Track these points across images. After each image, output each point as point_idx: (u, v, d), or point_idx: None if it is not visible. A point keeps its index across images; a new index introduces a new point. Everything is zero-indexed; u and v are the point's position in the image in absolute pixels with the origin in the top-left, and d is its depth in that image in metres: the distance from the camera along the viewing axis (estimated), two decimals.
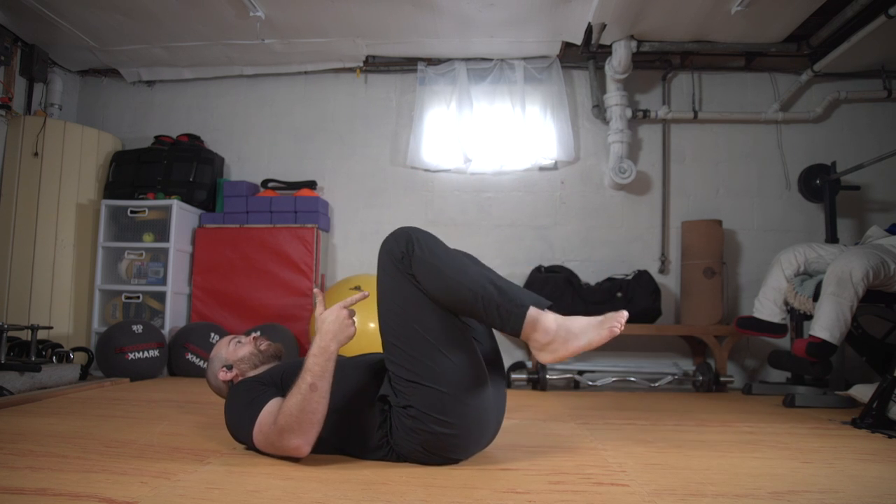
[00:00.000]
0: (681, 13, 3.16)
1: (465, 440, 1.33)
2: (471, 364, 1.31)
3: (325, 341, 1.29)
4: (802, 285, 2.81)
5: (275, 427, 1.27)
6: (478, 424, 1.33)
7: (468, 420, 1.29)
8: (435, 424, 1.27)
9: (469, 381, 1.29)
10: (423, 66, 3.88)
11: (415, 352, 1.28)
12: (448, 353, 1.28)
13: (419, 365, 1.27)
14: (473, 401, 1.29)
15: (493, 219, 3.83)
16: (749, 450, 1.65)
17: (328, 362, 1.28)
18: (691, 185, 3.78)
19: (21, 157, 3.50)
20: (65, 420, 1.88)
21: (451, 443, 1.30)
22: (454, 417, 1.27)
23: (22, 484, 1.15)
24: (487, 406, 1.35)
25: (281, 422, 1.25)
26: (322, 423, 1.27)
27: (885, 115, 3.72)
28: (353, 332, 1.33)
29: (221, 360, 1.57)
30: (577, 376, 3.29)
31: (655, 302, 3.36)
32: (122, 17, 3.39)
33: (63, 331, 3.46)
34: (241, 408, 1.37)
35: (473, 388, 1.30)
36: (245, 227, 3.64)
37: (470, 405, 1.29)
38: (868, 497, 1.20)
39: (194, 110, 4.14)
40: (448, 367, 1.27)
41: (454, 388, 1.27)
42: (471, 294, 1.25)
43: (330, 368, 1.28)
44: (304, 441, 1.25)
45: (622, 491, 1.20)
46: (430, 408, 1.26)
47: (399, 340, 1.29)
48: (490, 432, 1.43)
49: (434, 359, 1.27)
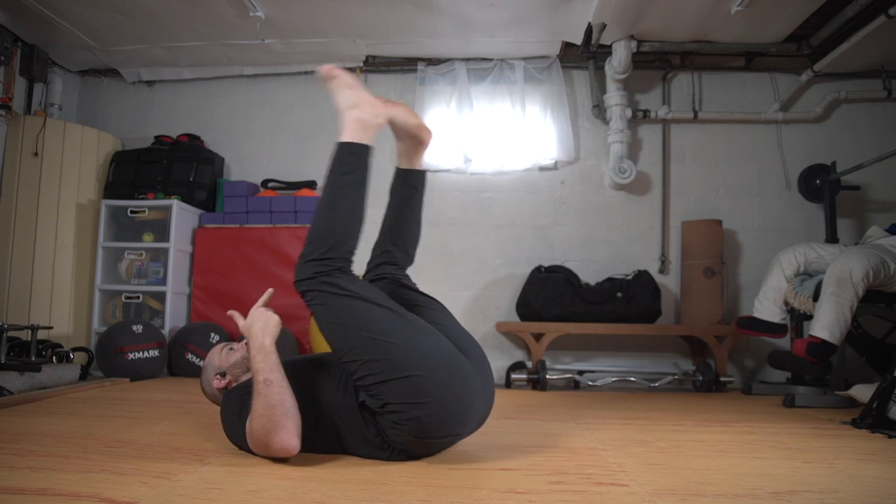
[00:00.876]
0: (681, 13, 3.16)
1: (448, 414, 1.31)
2: (422, 338, 1.32)
3: (259, 340, 1.35)
4: (802, 285, 2.81)
5: (255, 435, 1.28)
6: (455, 394, 1.31)
7: (442, 391, 1.28)
8: (413, 409, 1.27)
9: (427, 354, 1.30)
10: (423, 66, 3.88)
11: (367, 355, 1.29)
12: (394, 339, 1.29)
13: (377, 365, 1.28)
14: (440, 372, 1.29)
15: (492, 219, 3.83)
16: (749, 450, 1.65)
17: (270, 356, 1.33)
18: (691, 185, 3.78)
19: (21, 157, 3.50)
20: (65, 420, 1.88)
21: (434, 421, 1.29)
22: (426, 395, 1.27)
23: (22, 484, 1.15)
24: (462, 375, 1.33)
25: (256, 428, 1.27)
26: (296, 411, 1.28)
27: (885, 115, 3.72)
28: (278, 318, 1.42)
29: (215, 368, 1.58)
30: (577, 376, 3.29)
31: (655, 302, 3.36)
32: (122, 17, 3.39)
33: (63, 331, 3.46)
34: (234, 417, 1.39)
35: (436, 359, 1.30)
36: (245, 227, 3.64)
37: (438, 376, 1.28)
38: (868, 497, 1.20)
39: (194, 110, 4.14)
40: (400, 352, 1.28)
41: (415, 367, 1.27)
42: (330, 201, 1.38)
43: (274, 360, 1.33)
44: (285, 435, 1.25)
45: (622, 491, 1.20)
46: (403, 396, 1.27)
47: (351, 353, 1.31)
48: (476, 404, 1.39)
49: (386, 351, 1.28)
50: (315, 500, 1.10)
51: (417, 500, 1.10)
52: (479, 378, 1.39)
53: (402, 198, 1.65)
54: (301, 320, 3.48)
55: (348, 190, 1.39)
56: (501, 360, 3.64)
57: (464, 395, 1.33)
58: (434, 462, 1.39)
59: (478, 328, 3.67)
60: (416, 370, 1.27)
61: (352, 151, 1.42)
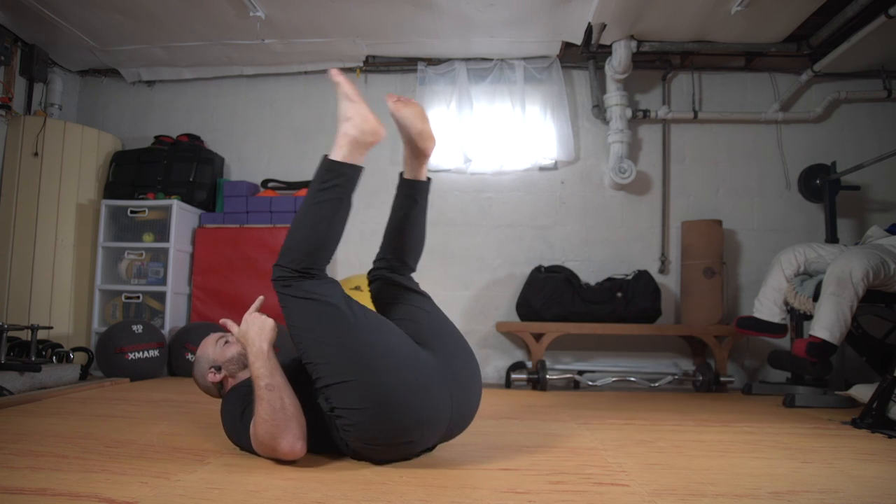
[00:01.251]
0: (681, 13, 3.16)
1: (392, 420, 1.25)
2: (371, 340, 1.27)
3: (256, 345, 1.35)
4: (802, 285, 2.81)
5: (260, 440, 1.28)
6: (401, 400, 1.24)
7: (384, 397, 1.23)
8: (354, 414, 1.24)
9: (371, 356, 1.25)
10: (423, 66, 3.88)
11: (315, 357, 1.27)
12: (336, 342, 1.25)
13: (322, 368, 1.26)
14: (384, 377, 1.24)
15: (493, 219, 3.83)
16: (749, 450, 1.65)
17: (269, 360, 1.32)
18: (691, 185, 3.78)
19: (21, 157, 3.50)
20: (65, 420, 1.88)
21: (377, 427, 1.25)
22: (365, 401, 1.23)
23: (22, 484, 1.15)
24: (415, 380, 1.27)
25: (261, 433, 1.27)
26: (299, 413, 1.29)
27: (885, 115, 3.72)
28: (272, 322, 1.41)
29: (209, 361, 1.57)
30: (577, 376, 3.29)
31: (655, 302, 3.36)
32: (122, 17, 3.39)
33: (63, 331, 3.46)
34: (236, 420, 1.39)
35: (381, 363, 1.25)
36: (245, 227, 3.64)
37: (380, 381, 1.23)
38: (868, 497, 1.20)
39: (194, 110, 4.14)
40: (342, 356, 1.25)
41: (354, 371, 1.23)
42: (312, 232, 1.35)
43: (273, 364, 1.32)
44: (291, 438, 1.25)
45: (622, 491, 1.20)
46: (345, 401, 1.25)
47: (305, 356, 1.30)
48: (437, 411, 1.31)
49: (329, 354, 1.26)
50: (315, 500, 1.10)
51: (417, 500, 1.10)
52: (446, 383, 1.32)
53: (402, 209, 1.58)
54: None
55: (322, 207, 1.35)
56: (501, 360, 3.64)
57: (415, 402, 1.26)
58: (434, 462, 1.39)
59: (478, 328, 3.68)
60: (354, 374, 1.23)
61: (331, 168, 1.37)
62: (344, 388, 1.24)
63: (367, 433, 1.26)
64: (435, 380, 1.31)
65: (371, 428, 1.25)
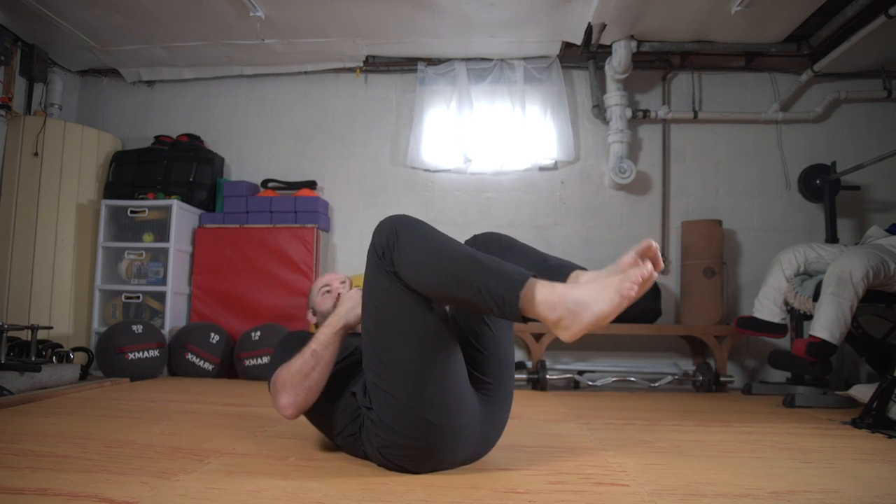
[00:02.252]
0: (681, 13, 3.16)
1: (421, 455, 1.25)
2: (440, 377, 1.20)
3: (337, 317, 1.37)
4: (802, 285, 2.81)
5: (273, 382, 1.33)
6: (438, 443, 1.23)
7: (425, 435, 1.21)
8: (387, 432, 1.22)
9: (433, 396, 1.19)
10: (423, 66, 3.88)
11: (383, 355, 1.21)
12: (415, 362, 1.18)
13: (385, 369, 1.21)
14: (436, 418, 1.19)
15: (493, 219, 3.83)
16: (749, 450, 1.65)
17: (334, 336, 1.34)
18: (691, 185, 3.78)
19: (21, 157, 3.50)
20: (65, 420, 1.88)
21: (403, 454, 1.25)
22: (408, 429, 1.20)
23: (22, 484, 1.15)
24: (460, 424, 1.24)
25: (279, 379, 1.31)
26: (315, 392, 1.31)
27: (885, 115, 3.72)
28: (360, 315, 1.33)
29: (312, 304, 1.69)
30: (577, 376, 3.29)
31: (655, 302, 3.36)
32: (122, 17, 3.39)
33: (63, 331, 3.46)
34: (277, 353, 1.45)
35: (438, 405, 1.20)
36: (245, 227, 3.64)
37: (430, 422, 1.19)
38: (868, 497, 1.20)
39: (194, 110, 4.14)
40: (410, 378, 1.18)
41: (412, 399, 1.18)
42: (457, 285, 1.12)
43: (334, 342, 1.34)
44: (292, 401, 1.29)
45: (622, 491, 1.20)
46: (385, 414, 1.21)
47: (372, 342, 1.24)
48: (463, 452, 1.31)
49: (399, 366, 1.19)
50: (315, 500, 1.10)
51: (417, 500, 1.10)
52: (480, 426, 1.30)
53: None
54: (301, 320, 3.48)
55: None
56: None
57: (449, 445, 1.25)
58: None
59: None
60: (405, 396, 1.19)
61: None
62: (390, 401, 1.20)
63: (388, 449, 1.26)
64: (473, 421, 1.29)
65: (395, 445, 1.24)
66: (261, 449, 1.51)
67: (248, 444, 1.56)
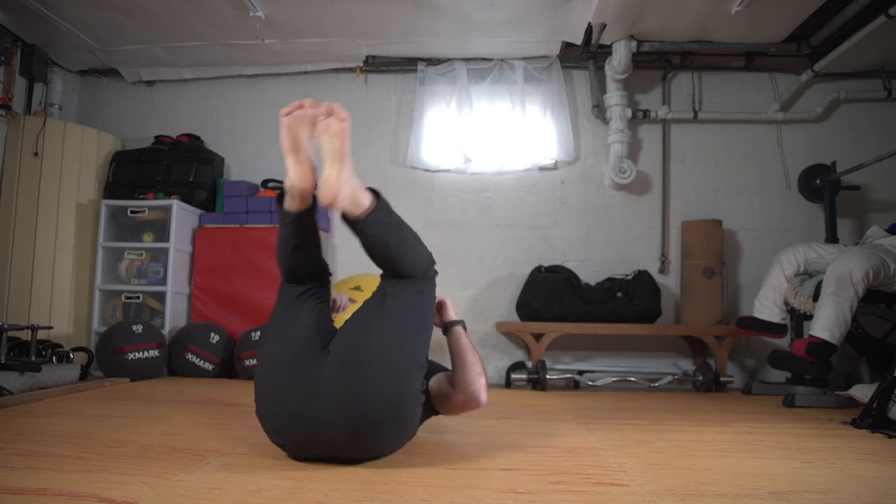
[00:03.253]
0: (681, 13, 3.16)
1: (265, 419, 1.34)
2: (273, 339, 1.38)
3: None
4: (802, 285, 2.81)
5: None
6: (263, 402, 1.33)
7: (261, 393, 1.33)
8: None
9: (266, 353, 1.36)
10: (423, 66, 3.88)
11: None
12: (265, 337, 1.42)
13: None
14: (264, 377, 1.33)
15: (493, 219, 3.83)
16: (749, 450, 1.65)
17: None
18: (691, 185, 3.78)
19: (21, 157, 3.50)
20: (65, 420, 1.88)
21: (261, 418, 1.35)
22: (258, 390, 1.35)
23: (22, 484, 1.15)
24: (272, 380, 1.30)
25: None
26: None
27: (885, 115, 3.72)
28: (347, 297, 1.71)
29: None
30: (577, 376, 3.30)
31: (655, 302, 3.36)
32: (122, 17, 3.39)
33: (63, 331, 3.46)
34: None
35: (266, 360, 1.35)
36: (245, 227, 3.63)
37: (263, 378, 1.33)
38: (868, 497, 1.20)
39: (194, 110, 4.14)
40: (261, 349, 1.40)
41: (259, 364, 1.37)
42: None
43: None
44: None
45: (622, 491, 1.20)
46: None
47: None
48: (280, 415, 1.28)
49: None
50: (315, 500, 1.10)
51: (417, 500, 1.10)
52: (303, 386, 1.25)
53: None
54: None
55: (280, 239, 1.59)
56: (501, 360, 3.64)
57: (270, 404, 1.31)
58: (434, 462, 1.40)
59: (478, 328, 3.67)
60: (258, 367, 1.35)
61: (278, 209, 1.53)
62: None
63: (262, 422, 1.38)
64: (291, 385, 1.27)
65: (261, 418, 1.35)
66: (261, 449, 1.51)
67: (248, 444, 1.56)
